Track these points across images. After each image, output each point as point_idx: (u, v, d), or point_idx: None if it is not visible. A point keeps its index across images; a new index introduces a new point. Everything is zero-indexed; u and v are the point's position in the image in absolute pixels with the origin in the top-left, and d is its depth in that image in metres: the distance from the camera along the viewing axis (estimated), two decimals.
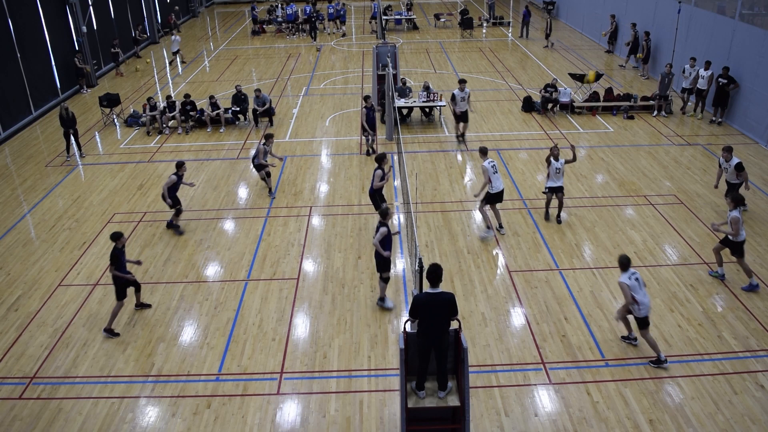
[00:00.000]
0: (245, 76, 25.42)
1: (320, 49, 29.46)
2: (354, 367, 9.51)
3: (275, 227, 13.55)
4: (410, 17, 34.38)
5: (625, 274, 9.16)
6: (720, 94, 18.22)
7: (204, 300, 11.17)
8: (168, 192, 12.98)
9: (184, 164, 13.30)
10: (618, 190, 14.80)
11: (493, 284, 11.38)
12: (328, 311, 10.78)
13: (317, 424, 8.50)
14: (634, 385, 8.99)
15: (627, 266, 9.17)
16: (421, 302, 7.38)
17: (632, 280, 9.11)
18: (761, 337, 9.86)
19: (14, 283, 11.90)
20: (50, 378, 9.43)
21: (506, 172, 15.87)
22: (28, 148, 18.54)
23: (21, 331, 10.49)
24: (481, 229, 13.16)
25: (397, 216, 13.88)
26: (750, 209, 13.75)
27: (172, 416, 8.67)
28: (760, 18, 18.41)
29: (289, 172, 16.24)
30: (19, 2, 20.51)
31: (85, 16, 24.32)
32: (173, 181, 13.01)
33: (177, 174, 13.09)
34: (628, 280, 9.09)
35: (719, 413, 8.45)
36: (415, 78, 24.00)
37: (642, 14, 24.24)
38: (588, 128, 18.86)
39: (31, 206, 14.90)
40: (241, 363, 9.62)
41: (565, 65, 25.68)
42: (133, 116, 20.04)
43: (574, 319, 10.40)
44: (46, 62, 22.03)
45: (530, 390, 8.96)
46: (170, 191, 13.03)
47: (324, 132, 19.05)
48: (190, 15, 39.32)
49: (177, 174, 13.09)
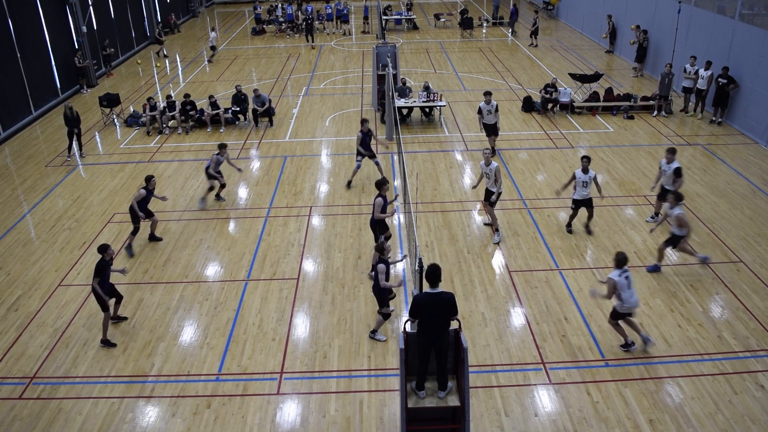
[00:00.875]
0: (245, 76, 25.42)
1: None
2: (354, 367, 9.51)
3: (275, 227, 13.55)
4: (410, 17, 34.39)
5: (617, 271, 9.21)
6: (720, 94, 18.21)
7: (204, 300, 11.17)
8: (138, 206, 12.45)
9: (153, 178, 12.71)
10: (618, 190, 14.80)
11: (493, 284, 11.38)
12: (328, 311, 10.78)
13: (317, 424, 8.50)
14: (634, 385, 9.00)
15: (623, 264, 9.25)
16: (421, 302, 7.38)
17: (622, 278, 9.20)
18: (761, 337, 9.86)
19: (14, 283, 11.90)
20: (50, 378, 9.43)
21: (506, 172, 15.87)
22: (28, 148, 18.55)
23: (21, 331, 10.49)
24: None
25: (397, 216, 13.88)
26: (750, 209, 13.75)
27: (172, 416, 8.67)
28: (760, 18, 18.40)
29: (289, 172, 16.24)
30: (19, 2, 20.51)
31: (85, 16, 24.32)
32: (142, 195, 12.48)
33: (146, 188, 12.54)
34: (618, 277, 9.17)
35: (719, 413, 8.45)
36: (415, 78, 24.01)
37: (642, 14, 24.23)
38: (588, 128, 18.86)
39: (31, 206, 14.90)
40: (241, 363, 9.62)
41: (565, 65, 25.68)
42: (133, 116, 20.04)
43: (574, 319, 10.40)
44: (46, 62, 22.03)
45: (530, 390, 8.96)
46: (140, 205, 12.51)
47: (324, 132, 19.05)
48: (190, 15, 39.31)
49: (146, 188, 12.54)
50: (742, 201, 14.11)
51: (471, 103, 21.24)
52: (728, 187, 14.83)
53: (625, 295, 9.19)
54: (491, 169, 12.52)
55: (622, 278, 9.18)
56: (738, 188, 14.73)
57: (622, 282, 9.17)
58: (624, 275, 9.21)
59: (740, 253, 12.12)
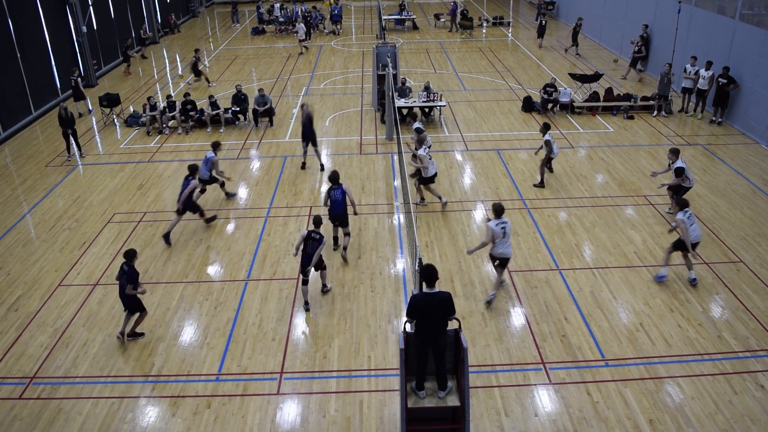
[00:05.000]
0: (245, 76, 25.42)
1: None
2: (354, 367, 9.51)
3: (275, 227, 13.55)
4: (410, 17, 34.40)
5: (495, 220, 10.36)
6: (720, 94, 18.21)
7: (204, 300, 11.17)
8: (188, 197, 12.84)
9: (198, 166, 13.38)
10: (618, 190, 14.80)
11: (493, 284, 11.37)
12: (328, 311, 10.78)
13: (317, 424, 8.50)
14: (634, 385, 9.00)
15: (500, 214, 10.41)
16: (418, 302, 7.39)
17: (499, 228, 10.34)
18: (761, 337, 9.87)
19: (14, 283, 11.90)
20: (50, 378, 9.43)
21: (506, 172, 15.88)
22: (28, 148, 18.55)
23: (21, 331, 10.49)
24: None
25: (397, 216, 13.88)
26: (750, 209, 13.75)
27: (172, 416, 8.67)
28: (760, 18, 18.40)
29: (289, 172, 16.24)
30: (19, 2, 20.51)
31: (85, 16, 24.33)
32: (195, 186, 13.01)
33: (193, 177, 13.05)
34: (495, 226, 10.32)
35: (719, 413, 8.45)
36: (415, 78, 24.01)
37: (642, 14, 24.22)
38: (588, 128, 18.86)
39: (31, 206, 14.90)
40: (241, 363, 9.62)
41: (565, 65, 25.68)
42: (133, 116, 20.04)
43: (574, 319, 10.40)
44: (46, 62, 22.03)
45: (530, 390, 8.96)
46: (187, 197, 12.87)
47: (324, 132, 19.04)
48: (190, 15, 39.32)
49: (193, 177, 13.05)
50: (742, 201, 14.11)
51: (471, 103, 21.25)
52: (728, 187, 14.83)
53: (498, 246, 10.49)
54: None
55: (499, 228, 10.38)
56: (738, 188, 14.73)
57: (498, 231, 10.37)
58: (501, 225, 10.37)
59: (740, 253, 12.13)
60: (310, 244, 10.55)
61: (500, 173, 15.80)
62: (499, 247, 10.49)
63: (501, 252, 10.56)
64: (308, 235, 10.59)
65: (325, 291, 11.26)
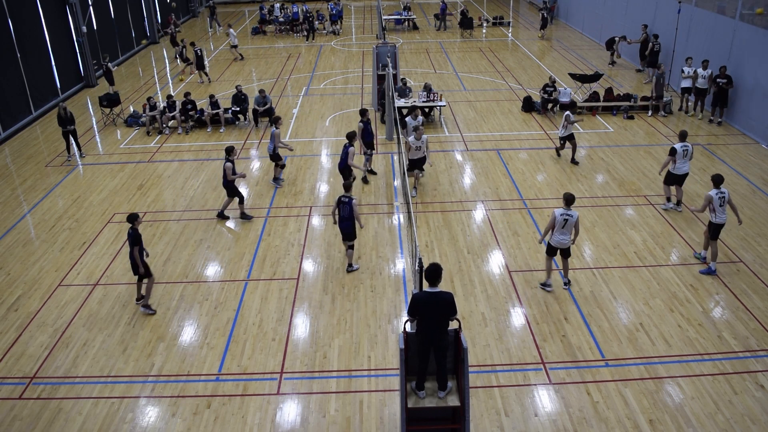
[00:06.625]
0: (245, 76, 25.42)
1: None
2: (354, 367, 9.51)
3: (275, 227, 13.55)
4: (410, 17, 34.42)
5: (562, 209, 10.57)
6: (720, 93, 18.21)
7: (204, 300, 11.17)
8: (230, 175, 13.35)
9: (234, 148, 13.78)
10: (618, 190, 14.80)
11: (493, 284, 11.38)
12: (328, 311, 10.78)
13: (317, 424, 8.50)
14: (634, 385, 9.00)
15: (569, 204, 10.58)
16: (420, 301, 7.38)
17: (562, 218, 10.56)
18: (761, 337, 9.87)
19: (14, 283, 11.90)
20: (50, 378, 9.43)
21: (506, 172, 15.88)
22: (28, 148, 18.55)
23: (21, 331, 10.49)
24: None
25: (397, 216, 13.88)
26: (750, 209, 13.75)
27: (172, 416, 8.67)
28: (760, 18, 18.39)
29: (289, 172, 16.24)
30: (19, 2, 20.51)
31: (85, 16, 24.33)
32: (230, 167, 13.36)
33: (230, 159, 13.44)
34: (560, 215, 10.55)
35: (719, 413, 8.45)
36: (415, 78, 24.01)
37: (642, 14, 24.23)
38: (588, 128, 18.86)
39: (31, 206, 14.90)
40: (241, 363, 9.63)
41: (565, 65, 25.68)
42: (133, 116, 20.04)
43: (574, 319, 10.40)
44: (46, 62, 22.03)
45: (530, 390, 8.96)
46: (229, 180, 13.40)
47: (324, 132, 19.05)
48: (190, 15, 39.32)
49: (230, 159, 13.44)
50: (742, 201, 14.10)
51: (471, 103, 21.25)
52: (728, 187, 14.76)
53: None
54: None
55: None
56: (738, 188, 14.73)
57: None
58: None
59: (740, 253, 12.13)
60: (342, 207, 11.33)
61: (500, 173, 15.80)
62: (558, 235, 10.75)
63: (558, 240, 10.81)
64: (339, 200, 11.37)
65: (350, 270, 11.78)
